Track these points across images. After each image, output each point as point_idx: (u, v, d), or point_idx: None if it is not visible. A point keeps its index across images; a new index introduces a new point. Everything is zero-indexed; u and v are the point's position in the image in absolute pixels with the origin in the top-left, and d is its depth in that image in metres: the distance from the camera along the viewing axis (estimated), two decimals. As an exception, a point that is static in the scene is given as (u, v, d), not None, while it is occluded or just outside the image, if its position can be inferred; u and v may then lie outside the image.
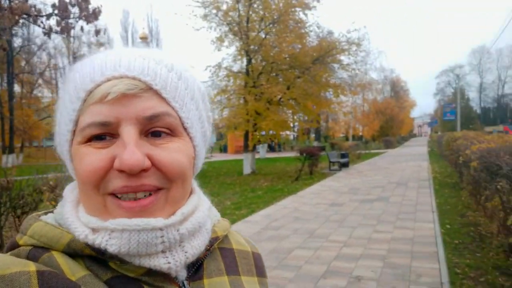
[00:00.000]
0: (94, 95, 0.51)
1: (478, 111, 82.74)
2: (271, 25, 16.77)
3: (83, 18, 7.31)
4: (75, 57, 26.02)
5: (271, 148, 39.58)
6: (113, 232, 0.50)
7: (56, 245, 0.51)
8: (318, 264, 4.96)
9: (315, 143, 43.66)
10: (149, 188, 0.50)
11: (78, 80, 0.53)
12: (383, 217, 7.57)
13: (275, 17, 16.53)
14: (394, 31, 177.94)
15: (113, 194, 0.50)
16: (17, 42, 26.96)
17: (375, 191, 11.07)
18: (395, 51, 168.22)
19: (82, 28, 9.55)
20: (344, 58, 18.25)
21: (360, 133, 45.97)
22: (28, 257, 0.50)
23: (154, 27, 57.66)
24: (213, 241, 0.61)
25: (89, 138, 0.51)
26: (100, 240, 0.50)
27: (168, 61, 0.55)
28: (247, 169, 17.27)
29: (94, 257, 0.51)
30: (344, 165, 18.80)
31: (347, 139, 42.57)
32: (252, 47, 16.17)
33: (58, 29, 7.83)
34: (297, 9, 16.87)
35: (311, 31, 17.86)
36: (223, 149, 39.76)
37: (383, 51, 79.63)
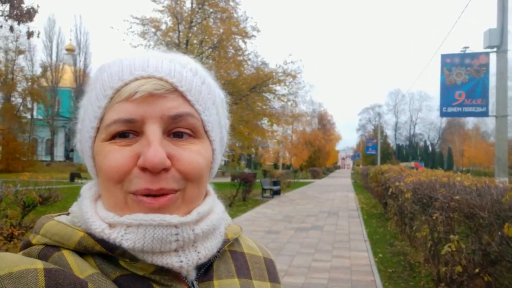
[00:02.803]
0: (121, 93, 0.52)
1: (394, 147, 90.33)
2: (210, 50, 16.79)
3: (15, 17, 6.46)
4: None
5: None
6: (129, 227, 0.50)
7: (67, 243, 0.51)
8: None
9: (246, 170, 43.89)
10: (168, 192, 0.51)
11: (106, 78, 0.54)
12: (320, 246, 7.62)
13: (215, 42, 16.61)
14: (324, 67, 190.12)
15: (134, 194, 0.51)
16: None
17: (309, 219, 11.23)
18: (324, 86, 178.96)
19: (11, 28, 8.50)
20: (279, 89, 18.82)
21: (289, 162, 47.26)
22: (39, 256, 0.50)
23: (83, 40, 55.16)
24: (223, 243, 0.61)
25: (113, 135, 0.52)
26: (115, 235, 0.50)
27: (193, 66, 0.57)
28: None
29: (104, 255, 0.51)
30: (276, 193, 19.01)
31: (275, 167, 43.45)
32: (190, 69, 15.95)
33: (-19, 26, 6.87)
34: (237, 36, 17.16)
35: (249, 59, 18.22)
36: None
37: (314, 85, 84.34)
